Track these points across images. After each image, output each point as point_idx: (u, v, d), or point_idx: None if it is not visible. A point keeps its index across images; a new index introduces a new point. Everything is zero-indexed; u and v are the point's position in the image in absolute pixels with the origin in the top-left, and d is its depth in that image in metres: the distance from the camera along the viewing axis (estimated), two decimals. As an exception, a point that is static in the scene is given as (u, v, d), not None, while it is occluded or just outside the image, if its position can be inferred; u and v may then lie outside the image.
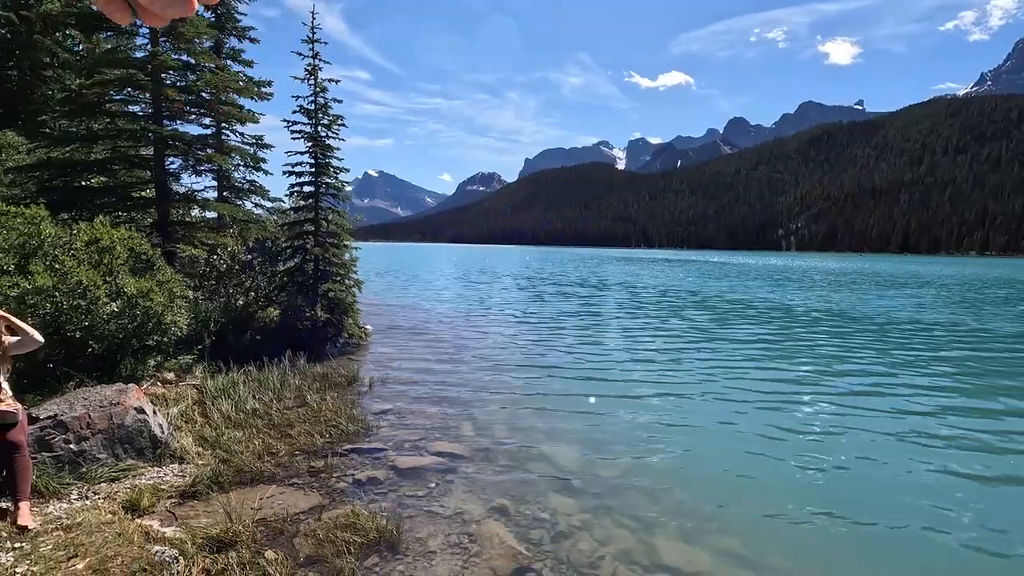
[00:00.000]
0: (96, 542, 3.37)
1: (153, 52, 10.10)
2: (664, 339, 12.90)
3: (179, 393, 6.75)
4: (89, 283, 6.22)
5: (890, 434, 6.41)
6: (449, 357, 10.38)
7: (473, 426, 6.47)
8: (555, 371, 9.38)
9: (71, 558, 3.20)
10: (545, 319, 16.21)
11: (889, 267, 69.14)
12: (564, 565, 3.69)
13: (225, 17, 13.05)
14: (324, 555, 3.61)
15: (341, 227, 11.30)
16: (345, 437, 5.85)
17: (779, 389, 8.37)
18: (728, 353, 11.20)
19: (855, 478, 5.29)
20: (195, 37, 10.46)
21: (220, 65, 11.47)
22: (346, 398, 7.25)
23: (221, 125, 12.41)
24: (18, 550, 3.22)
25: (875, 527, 4.35)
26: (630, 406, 7.38)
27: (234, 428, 5.80)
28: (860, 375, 9.38)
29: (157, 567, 3.22)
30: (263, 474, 4.84)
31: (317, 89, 10.85)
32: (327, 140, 11.07)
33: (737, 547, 4.00)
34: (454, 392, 7.91)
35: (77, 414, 4.59)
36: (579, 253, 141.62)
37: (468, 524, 4.17)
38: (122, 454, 4.71)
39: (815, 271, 53.76)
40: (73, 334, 6.22)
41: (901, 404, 7.67)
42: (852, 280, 38.57)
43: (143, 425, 4.88)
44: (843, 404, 7.60)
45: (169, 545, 3.49)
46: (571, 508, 4.49)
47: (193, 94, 10.78)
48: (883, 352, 11.55)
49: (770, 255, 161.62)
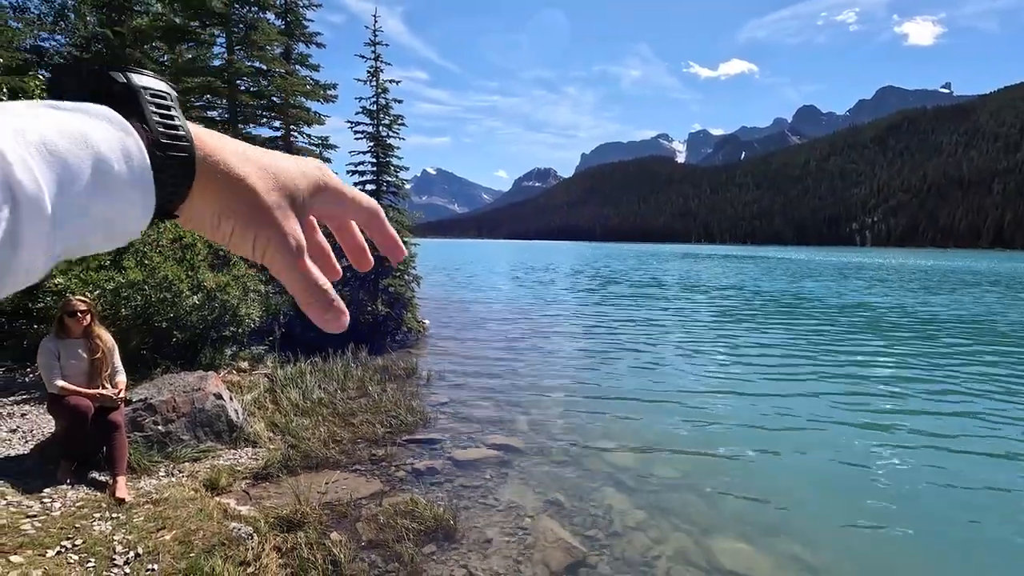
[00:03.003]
0: (181, 516, 3.66)
1: (229, 60, 10.74)
2: (731, 341, 12.49)
3: (252, 381, 7.17)
4: (174, 277, 6.72)
5: (987, 454, 5.86)
6: (505, 352, 10.48)
7: (528, 421, 6.52)
8: (613, 370, 9.29)
9: (159, 529, 3.49)
10: (603, 317, 16.05)
11: (994, 266, 63.25)
12: (619, 562, 3.67)
13: (294, 24, 13.68)
14: (385, 540, 3.75)
15: (401, 224, 11.64)
16: (404, 427, 6.04)
17: (858, 396, 7.92)
18: (801, 357, 10.70)
19: (939, 492, 4.95)
20: (266, 44, 11.04)
21: (289, 70, 12.05)
22: (405, 390, 7.48)
23: (290, 127, 13.03)
24: (115, 520, 3.54)
25: (954, 543, 4.07)
26: (690, 408, 7.20)
27: (302, 416, 6.11)
28: (969, 394, 8.22)
29: (234, 542, 3.46)
30: (328, 460, 5.08)
31: (379, 90, 11.20)
32: (388, 140, 11.41)
33: (802, 553, 3.84)
34: (510, 387, 7.99)
35: (164, 398, 4.98)
36: (637, 249, 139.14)
37: (523, 517, 4.22)
38: (202, 436, 5.06)
39: (909, 269, 50.31)
40: (160, 324, 6.75)
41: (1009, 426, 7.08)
42: (961, 281, 35.75)
43: (221, 410, 5.23)
44: (935, 417, 7.09)
45: (244, 523, 3.75)
46: (626, 506, 4.45)
47: (265, 98, 11.38)
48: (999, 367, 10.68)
49: (846, 251, 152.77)
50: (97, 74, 0.34)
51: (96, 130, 0.31)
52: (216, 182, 0.36)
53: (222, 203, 0.37)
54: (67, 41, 18.54)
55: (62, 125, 0.30)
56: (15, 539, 3.16)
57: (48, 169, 0.28)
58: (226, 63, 10.71)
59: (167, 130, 0.34)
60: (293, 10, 13.51)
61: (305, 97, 12.30)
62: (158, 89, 0.36)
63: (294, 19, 13.63)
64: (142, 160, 0.32)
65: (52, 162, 0.28)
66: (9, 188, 0.26)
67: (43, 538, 3.22)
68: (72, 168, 0.29)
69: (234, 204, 0.37)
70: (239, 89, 10.95)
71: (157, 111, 0.35)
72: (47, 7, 18.02)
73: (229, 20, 10.72)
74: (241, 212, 0.37)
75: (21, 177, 0.26)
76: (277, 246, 0.38)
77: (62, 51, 18.40)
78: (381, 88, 11.17)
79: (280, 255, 0.39)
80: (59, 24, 18.52)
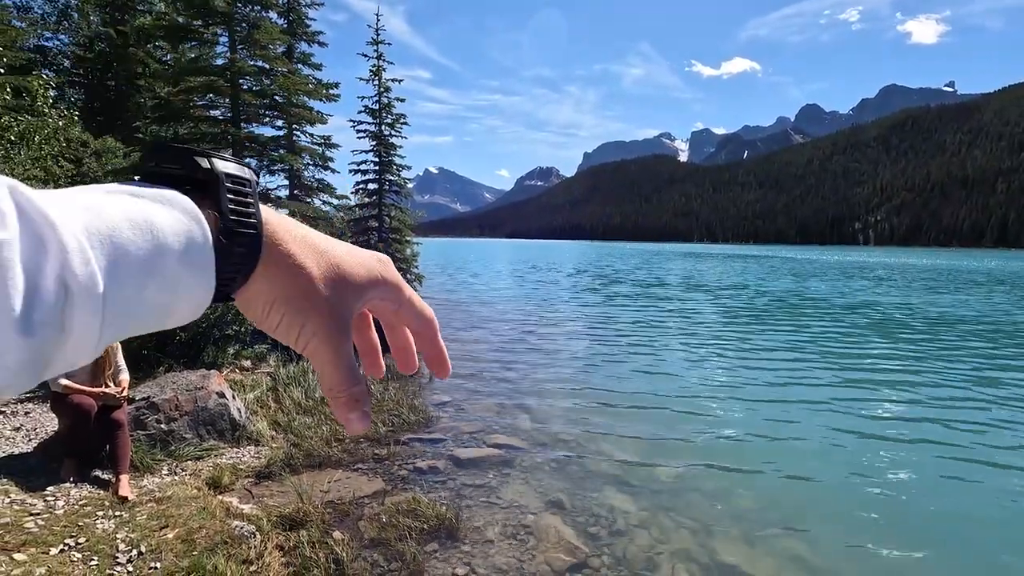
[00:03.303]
0: (184, 514, 3.67)
1: (232, 59, 10.75)
2: (735, 342, 12.47)
3: (255, 380, 7.18)
4: (177, 276, 6.74)
5: (996, 457, 5.76)
6: (507, 352, 10.48)
7: (531, 420, 6.51)
8: (616, 370, 9.28)
9: (162, 527, 3.50)
10: (606, 316, 16.04)
11: (1001, 264, 62.98)
12: (621, 562, 3.67)
13: (296, 23, 13.69)
14: (387, 538, 3.76)
15: (403, 223, 11.65)
16: (406, 426, 6.04)
17: (864, 397, 7.90)
18: (804, 357, 10.68)
19: (945, 495, 4.93)
20: (269, 43, 11.05)
21: (292, 69, 12.06)
22: (407, 389, 7.48)
23: (292, 126, 13.05)
24: (118, 518, 3.55)
25: (960, 546, 4.05)
26: (694, 408, 7.19)
27: (304, 414, 6.12)
28: (980, 398, 8.05)
29: (237, 541, 3.46)
30: (331, 458, 5.08)
31: (381, 89, 11.22)
32: (390, 138, 11.43)
33: (804, 553, 3.83)
34: (512, 386, 7.99)
35: (167, 397, 4.99)
36: (639, 248, 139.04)
37: (525, 516, 4.21)
38: (205, 435, 5.07)
39: (915, 269, 50.19)
40: (163, 323, 6.76)
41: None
42: (970, 280, 35.64)
43: (224, 409, 5.24)
44: (944, 421, 7.04)
45: (247, 521, 3.75)
46: (629, 505, 4.44)
47: (267, 97, 11.40)
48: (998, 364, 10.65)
49: (849, 250, 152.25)
50: (183, 157, 0.35)
51: (165, 218, 0.31)
52: (276, 268, 0.37)
53: (276, 291, 0.37)
54: (70, 40, 18.59)
55: (132, 214, 0.30)
56: (19, 537, 3.16)
57: (105, 258, 0.29)
58: (229, 62, 10.72)
59: (239, 218, 0.35)
60: (295, 9, 13.53)
61: (308, 96, 12.30)
62: (239, 176, 0.36)
63: (296, 18, 13.65)
64: (205, 243, 0.33)
65: (112, 251, 0.29)
66: (64, 280, 0.27)
67: (46, 536, 3.22)
68: (131, 256, 0.30)
69: (288, 292, 0.37)
70: (242, 88, 10.96)
71: (234, 198, 0.35)
72: (50, 6, 18.07)
73: (232, 19, 10.73)
74: (293, 301, 0.37)
75: (77, 269, 0.27)
76: (322, 339, 0.38)
77: (65, 50, 18.46)
78: (383, 87, 11.19)
79: (324, 348, 0.38)
80: (62, 23, 18.56)
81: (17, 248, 0.25)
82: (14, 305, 0.25)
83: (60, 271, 0.27)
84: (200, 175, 0.35)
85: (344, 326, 0.39)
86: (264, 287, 0.37)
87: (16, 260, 0.25)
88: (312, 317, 0.37)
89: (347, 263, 0.40)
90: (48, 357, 0.28)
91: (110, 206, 0.30)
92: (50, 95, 10.07)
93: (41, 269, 0.26)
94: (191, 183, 0.34)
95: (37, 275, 0.26)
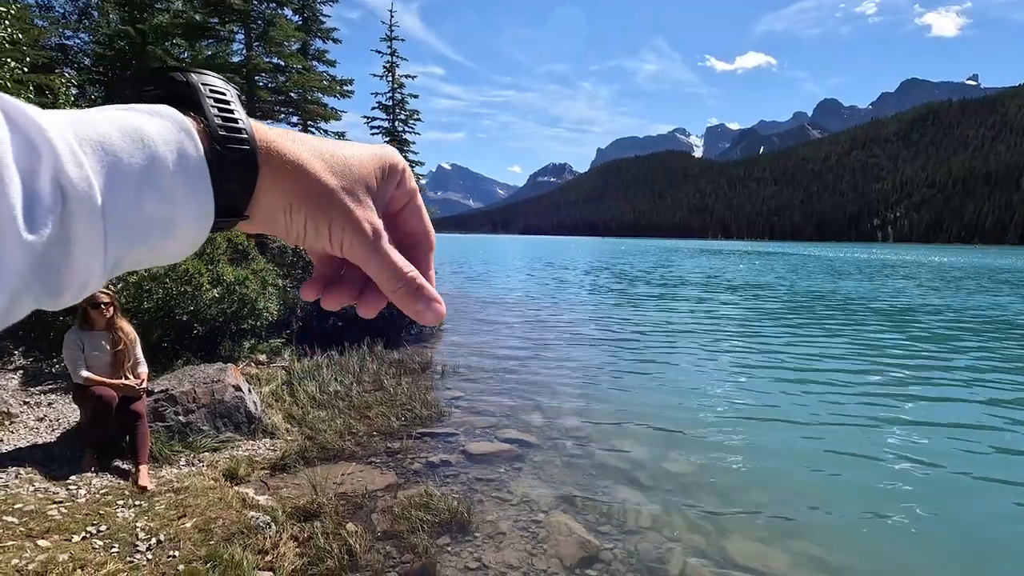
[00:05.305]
0: (201, 504, 3.73)
1: (248, 56, 10.85)
2: (752, 341, 12.36)
3: (270, 374, 7.27)
4: (194, 271, 6.84)
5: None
6: (520, 348, 10.49)
7: (543, 416, 6.52)
8: (630, 367, 9.24)
9: (180, 517, 3.57)
10: (618, 314, 15.99)
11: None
12: (632, 558, 3.66)
13: (311, 20, 13.78)
14: (399, 531, 3.79)
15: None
16: (419, 421, 6.08)
17: (885, 396, 7.79)
18: (822, 356, 10.55)
19: (966, 496, 4.86)
20: (284, 40, 11.13)
21: (306, 66, 12.14)
22: (420, 384, 7.52)
23: (307, 123, 13.15)
24: (138, 507, 3.63)
25: (978, 546, 3.99)
26: (708, 406, 7.15)
27: (318, 408, 6.19)
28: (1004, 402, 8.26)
29: (252, 531, 3.52)
30: (344, 452, 5.14)
31: (395, 85, 11.25)
32: (404, 135, 11.47)
33: (818, 552, 3.80)
34: (524, 382, 7.99)
35: (185, 389, 5.07)
36: (653, 245, 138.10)
37: (536, 511, 4.23)
38: (222, 427, 5.15)
39: (943, 267, 49.29)
40: (181, 317, 6.87)
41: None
42: (1006, 280, 34.91)
43: (240, 402, 5.32)
44: (967, 422, 6.95)
45: (263, 512, 3.81)
46: (641, 502, 4.44)
47: (282, 94, 11.50)
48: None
49: (868, 247, 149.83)
50: (159, 77, 0.35)
51: (152, 126, 0.31)
52: (282, 172, 0.35)
53: (289, 195, 0.36)
54: (91, 39, 18.88)
55: (121, 123, 0.30)
56: (42, 524, 3.25)
57: (99, 164, 0.28)
58: (245, 59, 10.83)
59: (226, 123, 0.34)
60: (310, 6, 13.61)
61: (322, 93, 12.40)
62: (217, 86, 0.36)
63: (311, 15, 13.73)
64: (197, 154, 0.32)
65: (104, 158, 0.29)
66: (59, 183, 0.26)
67: (69, 524, 3.30)
68: (124, 163, 0.29)
69: (301, 192, 0.36)
70: (257, 85, 11.07)
71: (216, 106, 0.35)
72: (71, 5, 18.36)
73: (248, 17, 10.83)
74: (311, 199, 0.36)
75: (71, 172, 0.27)
76: (355, 232, 0.37)
77: (86, 49, 18.75)
78: (397, 83, 11.23)
79: (359, 241, 0.37)
80: (83, 22, 18.85)
81: (10, 150, 0.25)
82: (14, 203, 0.25)
83: (54, 173, 0.26)
84: (180, 90, 0.35)
85: (370, 217, 0.38)
86: (276, 196, 0.36)
87: (10, 161, 0.25)
88: (336, 213, 0.36)
89: (355, 156, 0.39)
90: (56, 263, 0.27)
91: (98, 116, 0.30)
92: (72, 93, 10.25)
93: (35, 171, 0.26)
94: (172, 101, 0.34)
95: (32, 178, 0.26)
